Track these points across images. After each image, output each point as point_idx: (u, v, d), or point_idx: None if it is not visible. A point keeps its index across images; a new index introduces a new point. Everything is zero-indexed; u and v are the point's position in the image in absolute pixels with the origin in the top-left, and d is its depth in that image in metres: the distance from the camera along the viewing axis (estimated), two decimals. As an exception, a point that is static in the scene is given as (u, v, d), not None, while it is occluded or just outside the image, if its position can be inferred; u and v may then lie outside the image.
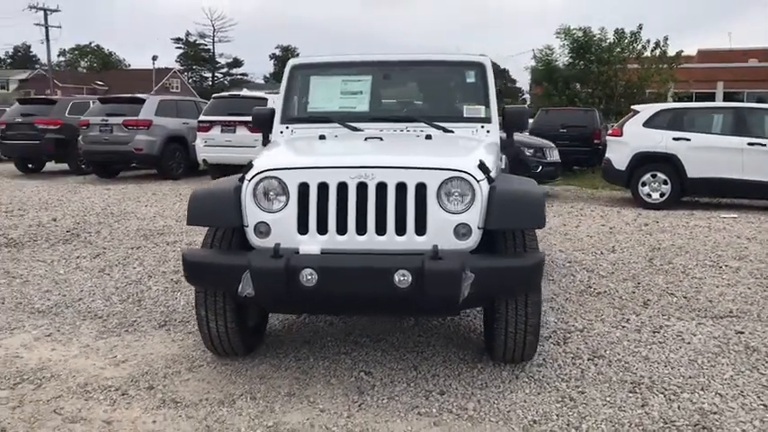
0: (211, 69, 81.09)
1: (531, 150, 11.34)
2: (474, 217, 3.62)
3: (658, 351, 4.45)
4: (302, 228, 3.67)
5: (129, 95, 16.09)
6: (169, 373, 4.02)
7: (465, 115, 4.88)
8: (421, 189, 3.63)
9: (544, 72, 25.17)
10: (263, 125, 5.06)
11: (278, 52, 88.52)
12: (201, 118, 14.00)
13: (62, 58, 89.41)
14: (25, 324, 4.91)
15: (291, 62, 5.26)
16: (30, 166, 16.52)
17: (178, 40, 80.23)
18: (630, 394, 3.78)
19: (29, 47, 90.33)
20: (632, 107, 12.74)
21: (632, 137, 11.60)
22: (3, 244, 7.72)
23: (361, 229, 3.64)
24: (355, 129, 4.79)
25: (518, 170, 7.61)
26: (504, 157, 5.65)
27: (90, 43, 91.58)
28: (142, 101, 14.86)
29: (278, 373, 4.02)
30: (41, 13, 52.11)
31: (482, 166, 3.73)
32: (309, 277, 3.50)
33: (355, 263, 3.54)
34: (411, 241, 3.62)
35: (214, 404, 3.61)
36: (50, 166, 17.34)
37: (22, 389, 3.78)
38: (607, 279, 6.36)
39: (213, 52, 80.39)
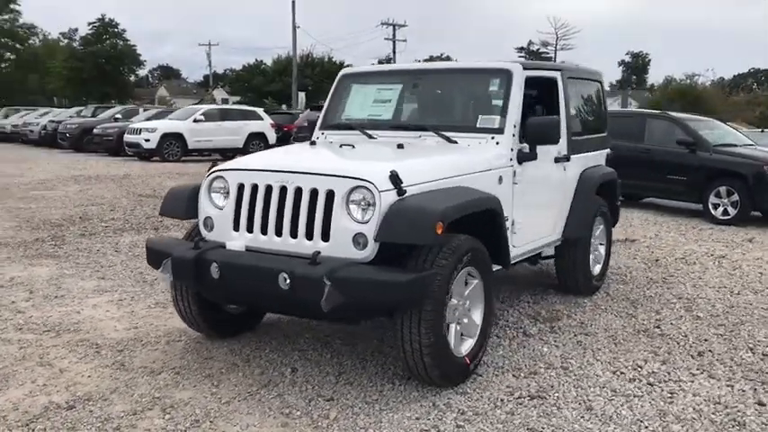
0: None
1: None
2: (371, 228, 3.60)
3: None
4: (235, 225, 4.01)
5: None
6: (151, 341, 4.63)
7: (478, 125, 4.68)
8: (331, 196, 3.71)
9: None
10: (310, 130, 5.43)
11: (627, 58, 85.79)
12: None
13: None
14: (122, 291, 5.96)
15: (341, 72, 5.53)
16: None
17: (521, 49, 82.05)
18: None
19: (382, 61, 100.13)
20: None
21: None
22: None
23: (278, 231, 3.86)
24: (371, 137, 4.92)
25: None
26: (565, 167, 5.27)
27: (441, 55, 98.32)
28: None
29: (237, 360, 4.38)
30: (391, 28, 57.62)
31: (394, 178, 3.66)
32: (215, 271, 3.82)
33: (250, 262, 3.77)
34: (316, 246, 3.73)
35: (154, 373, 4.11)
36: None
37: (42, 336, 4.71)
38: None
39: (554, 60, 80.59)
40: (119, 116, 25.27)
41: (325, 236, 3.73)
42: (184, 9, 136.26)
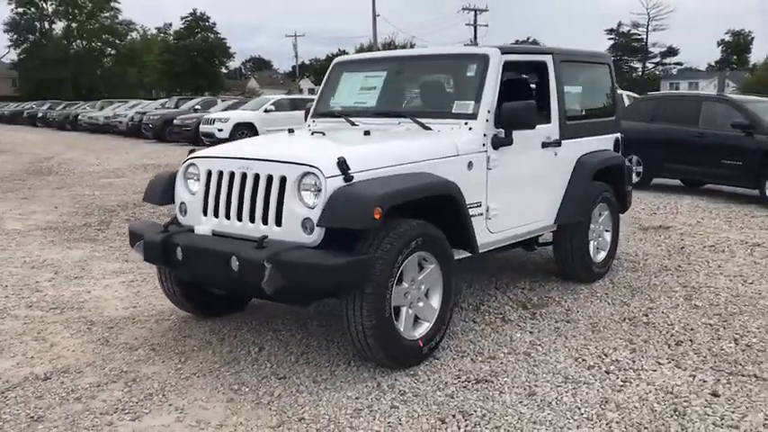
0: (642, 59, 78.52)
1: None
2: (317, 213, 3.73)
3: None
4: (204, 210, 4.23)
5: None
6: (142, 320, 4.92)
7: (453, 111, 4.71)
8: (284, 182, 3.86)
9: None
10: (305, 117, 5.60)
11: (728, 38, 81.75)
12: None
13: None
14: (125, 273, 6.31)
15: (334, 60, 5.64)
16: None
17: (611, 31, 79.50)
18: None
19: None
20: None
21: None
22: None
23: (240, 216, 4.04)
24: (353, 124, 5.02)
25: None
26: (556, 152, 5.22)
27: (527, 38, 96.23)
28: None
29: (209, 338, 4.60)
30: (472, 13, 57.06)
31: (342, 164, 3.76)
32: (180, 254, 4.05)
33: (207, 245, 3.97)
34: (270, 231, 3.89)
35: (132, 349, 4.39)
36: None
37: (47, 313, 5.08)
38: None
39: (646, 42, 77.68)
40: (198, 107, 26.23)
41: (279, 221, 3.87)
42: (276, 1, 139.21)
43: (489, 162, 4.64)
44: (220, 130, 20.89)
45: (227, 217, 4.10)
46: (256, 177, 3.98)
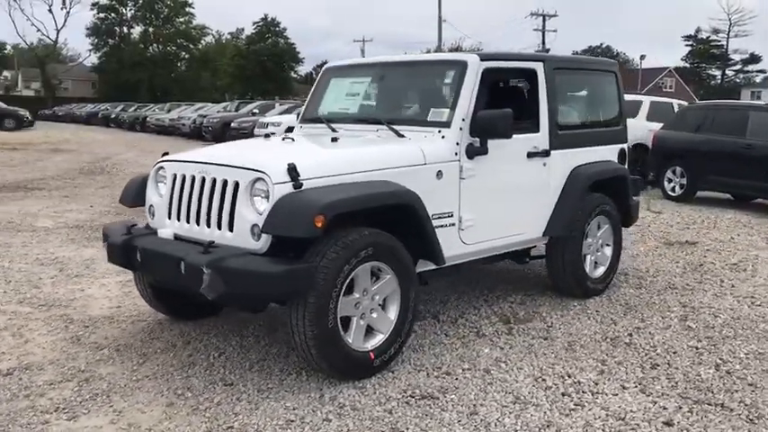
0: (721, 67, 75.68)
1: None
2: (264, 219, 3.70)
3: None
4: (169, 213, 4.26)
5: None
6: (120, 320, 4.99)
7: (428, 118, 4.61)
8: (237, 187, 3.86)
9: None
10: None
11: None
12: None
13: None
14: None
15: (324, 66, 5.61)
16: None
17: (689, 37, 76.96)
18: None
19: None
20: None
21: None
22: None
23: (197, 220, 4.06)
24: (334, 130, 4.98)
25: None
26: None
27: (600, 45, 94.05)
28: None
29: (175, 340, 4.63)
30: (540, 19, 56.18)
31: (291, 171, 3.73)
32: (138, 256, 4.09)
33: (160, 249, 3.99)
34: (223, 235, 3.90)
35: (98, 349, 4.46)
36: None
37: (35, 310, 5.21)
38: None
39: (726, 48, 74.84)
40: (255, 111, 26.66)
41: (231, 226, 3.86)
42: (346, 7, 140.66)
43: (463, 171, 4.50)
44: (273, 134, 21.16)
45: (188, 221, 4.11)
46: (214, 182, 3.98)
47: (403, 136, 4.55)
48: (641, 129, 12.94)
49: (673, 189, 11.67)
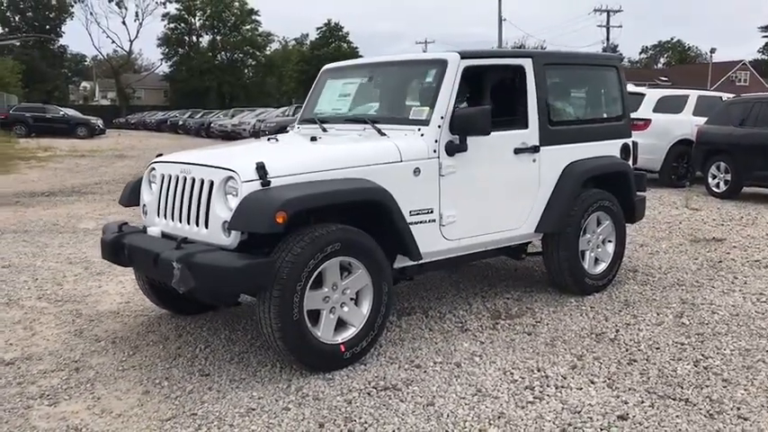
0: (803, 58, 72.39)
1: None
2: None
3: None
4: (158, 212, 4.48)
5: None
6: (125, 315, 5.25)
7: (410, 117, 4.69)
8: (212, 186, 4.05)
9: None
10: None
11: None
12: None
13: (644, 56, 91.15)
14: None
15: (323, 68, 5.74)
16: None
17: (765, 28, 73.88)
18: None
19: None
20: None
21: None
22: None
23: (180, 218, 4.27)
24: (325, 130, 5.11)
25: None
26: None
27: (671, 39, 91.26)
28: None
29: (170, 335, 4.85)
30: (605, 15, 54.97)
31: (260, 169, 3.88)
32: (126, 252, 4.33)
33: (141, 245, 4.21)
34: (200, 232, 4.09)
35: (95, 341, 4.72)
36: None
37: (50, 305, 5.53)
38: None
39: (805, 40, 71.54)
40: (311, 114, 27.08)
41: (207, 223, 4.04)
42: (410, 8, 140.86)
43: (442, 168, 4.56)
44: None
45: (173, 219, 4.31)
46: (193, 181, 4.16)
47: (385, 134, 4.64)
48: (687, 124, 12.60)
49: (717, 185, 11.32)
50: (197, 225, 4.11)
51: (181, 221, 4.23)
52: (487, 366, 4.11)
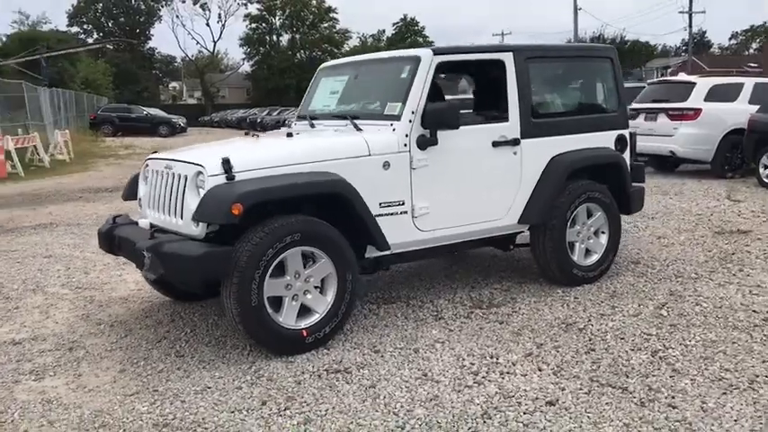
0: None
1: None
2: (200, 208, 4.18)
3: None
4: (149, 204, 4.85)
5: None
6: (132, 301, 5.64)
7: (385, 112, 4.86)
8: (186, 180, 4.37)
9: None
10: None
11: None
12: (633, 105, 13.41)
13: (733, 41, 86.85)
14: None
15: (320, 66, 5.98)
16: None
17: None
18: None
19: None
20: None
21: None
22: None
23: (163, 210, 4.61)
24: (312, 126, 5.36)
25: None
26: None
27: (764, 23, 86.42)
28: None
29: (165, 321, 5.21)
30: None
31: (225, 164, 4.16)
32: (117, 242, 4.70)
33: (126, 235, 4.56)
34: (176, 224, 4.42)
35: (98, 325, 5.12)
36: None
37: (70, 291, 5.99)
38: None
39: None
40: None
41: (182, 215, 4.35)
42: (493, 3, 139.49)
43: (414, 162, 4.71)
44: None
45: (158, 211, 4.65)
46: (173, 176, 4.48)
47: (361, 129, 4.82)
48: (741, 113, 12.14)
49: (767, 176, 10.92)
50: (175, 216, 4.41)
51: (164, 213, 4.55)
52: (445, 353, 4.25)
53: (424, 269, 6.17)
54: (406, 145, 4.69)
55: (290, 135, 4.89)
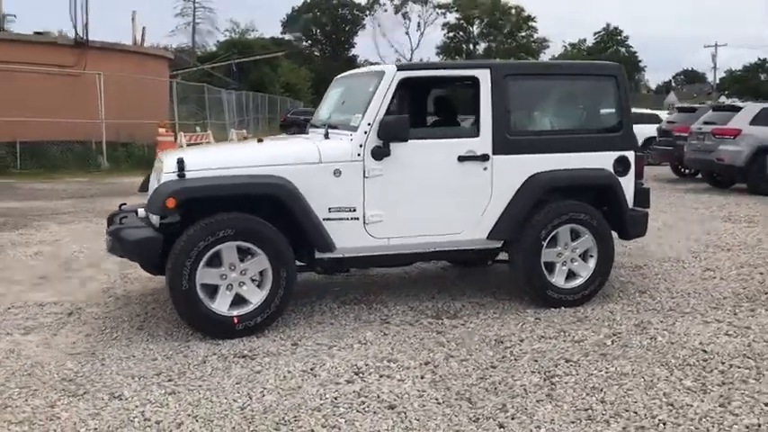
0: None
1: None
2: (159, 202, 4.80)
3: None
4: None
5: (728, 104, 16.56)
6: (142, 294, 6.38)
7: (351, 123, 5.17)
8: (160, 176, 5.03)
9: None
10: None
11: None
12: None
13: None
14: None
15: (337, 76, 6.38)
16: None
17: None
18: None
19: None
20: None
21: None
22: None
23: (150, 202, 5.31)
24: (307, 133, 5.82)
25: None
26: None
27: None
28: (739, 109, 14.52)
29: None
30: None
31: (180, 163, 4.74)
32: (120, 234, 5.46)
33: (117, 219, 5.28)
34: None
35: (98, 319, 5.91)
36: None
37: (118, 265, 6.87)
38: None
39: None
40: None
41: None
42: (700, 10, 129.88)
43: (367, 171, 4.96)
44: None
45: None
46: (158, 172, 5.14)
47: (328, 138, 5.16)
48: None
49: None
50: (152, 207, 5.05)
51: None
52: (354, 352, 4.47)
53: (410, 276, 6.36)
54: (359, 155, 4.95)
55: (260, 141, 5.36)
